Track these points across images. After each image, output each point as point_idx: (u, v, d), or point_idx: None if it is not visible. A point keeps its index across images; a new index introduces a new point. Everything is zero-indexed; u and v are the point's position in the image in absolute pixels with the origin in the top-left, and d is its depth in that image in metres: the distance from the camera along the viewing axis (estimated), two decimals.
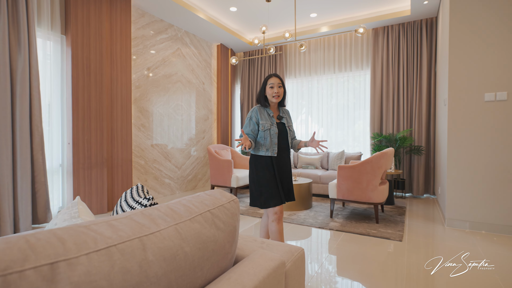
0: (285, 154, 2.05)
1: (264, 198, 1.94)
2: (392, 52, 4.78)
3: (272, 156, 1.98)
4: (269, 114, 2.02)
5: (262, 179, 1.96)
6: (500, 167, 2.86)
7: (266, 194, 1.94)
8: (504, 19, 2.83)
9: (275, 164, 1.98)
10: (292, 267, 0.90)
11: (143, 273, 0.52)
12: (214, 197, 0.83)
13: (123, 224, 0.57)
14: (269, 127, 1.97)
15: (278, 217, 1.96)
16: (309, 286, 1.87)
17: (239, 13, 4.71)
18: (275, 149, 1.98)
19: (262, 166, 1.97)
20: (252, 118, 2.00)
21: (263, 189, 1.95)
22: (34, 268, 0.41)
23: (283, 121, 2.08)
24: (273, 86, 1.99)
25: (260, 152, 1.99)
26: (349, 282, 1.94)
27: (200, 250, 0.66)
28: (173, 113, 4.80)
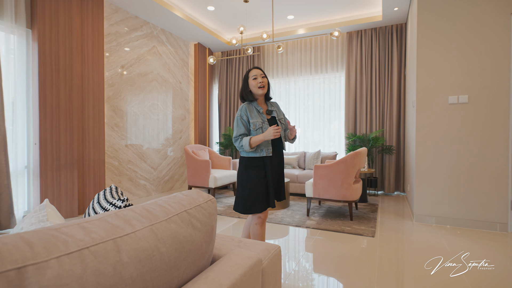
0: (279, 151, 1.94)
1: (250, 203, 1.83)
2: (365, 55, 4.97)
3: (267, 156, 1.87)
4: (258, 110, 1.90)
5: (252, 183, 1.84)
6: (463, 165, 3.06)
7: (254, 198, 1.83)
8: (463, 30, 3.04)
9: (268, 165, 1.86)
10: (269, 264, 0.92)
11: (117, 275, 0.51)
12: (191, 197, 0.83)
13: (96, 226, 0.56)
14: (261, 125, 1.85)
15: (261, 220, 1.91)
16: (287, 284, 1.91)
17: (217, 12, 4.69)
18: (270, 148, 1.86)
19: (254, 168, 1.85)
20: (242, 117, 1.87)
21: (251, 194, 1.83)
22: (0, 274, 0.39)
23: (273, 115, 1.95)
24: (256, 77, 1.87)
25: (254, 153, 1.85)
26: (325, 278, 2.00)
27: (177, 250, 0.66)
28: (149, 113, 4.68)
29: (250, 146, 1.81)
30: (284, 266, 2.18)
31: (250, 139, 1.80)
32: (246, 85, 1.92)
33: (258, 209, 1.84)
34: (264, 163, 1.87)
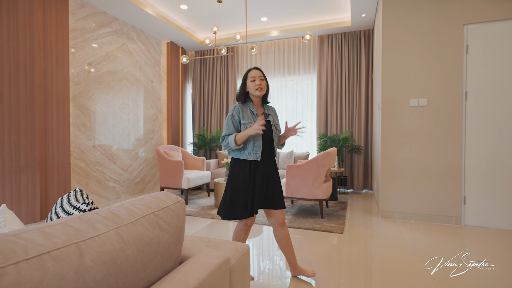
0: (270, 157, 1.85)
1: (229, 209, 1.76)
2: (336, 58, 5.16)
3: (254, 161, 1.78)
4: (252, 112, 1.82)
5: (233, 187, 1.78)
6: (423, 163, 3.29)
7: (233, 204, 1.76)
8: (423, 38, 3.26)
9: (254, 170, 1.78)
10: (237, 263, 0.94)
11: (80, 278, 0.51)
12: (158, 199, 0.84)
13: (58, 231, 0.56)
14: None
15: (247, 227, 1.87)
16: (261, 282, 1.94)
17: (190, 11, 4.63)
18: (259, 152, 1.77)
19: (239, 171, 1.78)
20: (234, 116, 1.79)
21: (231, 198, 1.77)
22: None
23: (269, 119, 1.84)
24: (254, 79, 1.79)
25: (242, 156, 1.78)
26: (307, 282, 2.06)
27: (143, 252, 0.66)
28: (119, 112, 4.52)
29: (236, 143, 1.73)
30: (258, 264, 2.22)
31: (235, 136, 1.74)
32: (244, 85, 1.85)
33: (237, 216, 1.76)
34: (250, 167, 1.78)
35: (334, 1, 4.30)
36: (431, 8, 3.23)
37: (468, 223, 3.16)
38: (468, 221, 3.15)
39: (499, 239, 2.75)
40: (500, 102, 3.02)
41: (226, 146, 1.79)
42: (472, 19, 3.09)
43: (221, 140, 1.82)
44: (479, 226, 3.11)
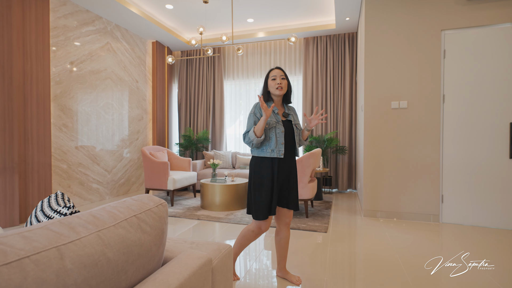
0: (291, 156, 1.85)
1: (256, 208, 1.77)
2: (321, 60, 5.25)
3: (277, 158, 1.78)
4: (273, 110, 1.82)
5: (258, 187, 1.77)
6: (404, 163, 3.40)
7: (258, 203, 1.77)
8: (403, 43, 3.38)
9: (278, 168, 1.78)
10: (220, 263, 0.96)
11: (60, 281, 0.52)
12: (141, 202, 0.85)
13: (38, 235, 0.56)
14: (275, 125, 1.78)
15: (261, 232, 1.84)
16: (248, 282, 1.97)
17: (176, 11, 4.60)
18: (282, 149, 1.76)
19: (261, 169, 1.78)
20: (256, 113, 1.80)
21: (256, 198, 1.77)
22: None
23: (289, 118, 1.87)
24: (275, 77, 1.81)
25: (264, 153, 1.78)
26: None
27: (125, 254, 0.67)
28: (103, 113, 4.44)
29: (255, 134, 1.72)
30: (245, 264, 2.24)
31: (253, 128, 1.74)
32: (266, 86, 1.87)
33: (260, 216, 1.76)
34: (272, 165, 1.78)
35: (319, 4, 4.37)
36: (411, 14, 3.35)
37: (445, 220, 3.29)
38: (446, 218, 3.29)
39: (474, 235, 2.89)
40: (475, 105, 3.17)
41: (249, 143, 1.78)
42: (449, 25, 3.22)
43: (243, 138, 1.81)
44: (456, 224, 3.25)
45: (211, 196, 3.84)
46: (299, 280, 1.95)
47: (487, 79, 3.12)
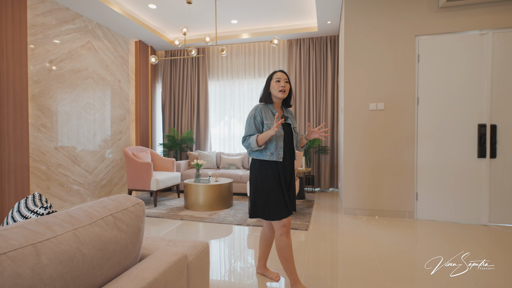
0: (290, 159, 1.85)
1: (270, 208, 1.75)
2: (304, 62, 5.35)
3: (278, 161, 1.78)
4: (273, 113, 1.83)
5: (268, 187, 1.76)
6: (381, 163, 3.54)
7: (272, 203, 1.74)
8: (381, 47, 3.52)
9: (281, 170, 1.78)
10: (195, 259, 1.01)
11: (36, 276, 0.56)
12: (118, 201, 0.88)
13: (14, 233, 0.59)
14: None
15: (287, 230, 1.77)
16: (233, 282, 2.01)
17: (159, 11, 4.58)
18: (281, 153, 1.77)
19: (267, 172, 1.77)
20: (256, 117, 1.80)
21: (268, 198, 1.75)
22: None
23: (288, 121, 1.87)
24: (279, 80, 1.82)
25: (264, 156, 1.78)
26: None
27: (100, 251, 0.71)
28: (83, 113, 4.36)
29: (257, 143, 1.74)
30: (230, 262, 2.29)
31: (257, 136, 1.74)
32: (268, 87, 1.87)
33: (280, 215, 1.73)
34: (277, 167, 1.79)
35: (301, 8, 4.47)
36: (387, 20, 3.49)
37: (420, 217, 3.45)
38: (420, 215, 3.45)
39: (446, 230, 3.05)
40: (446, 107, 3.34)
41: (247, 147, 1.80)
42: (422, 31, 3.39)
43: (242, 141, 1.82)
44: (430, 220, 3.42)
45: (194, 196, 3.86)
46: (278, 276, 2.01)
47: (458, 82, 3.31)
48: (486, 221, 3.25)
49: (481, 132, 3.22)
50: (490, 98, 3.22)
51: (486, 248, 2.58)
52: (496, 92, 3.20)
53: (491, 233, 2.99)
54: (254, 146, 1.75)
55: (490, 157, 3.22)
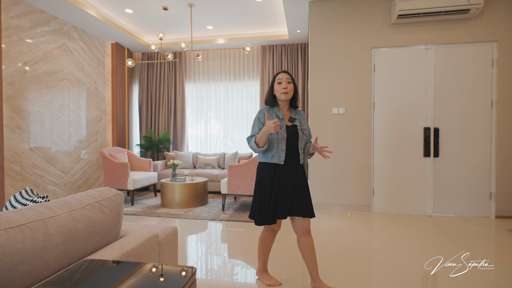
0: (295, 162, 1.79)
1: (258, 213, 1.77)
2: (276, 67, 5.67)
3: (278, 164, 1.76)
4: (278, 116, 1.78)
5: (260, 192, 1.78)
6: (343, 162, 3.92)
7: (261, 208, 1.76)
8: (342, 56, 3.89)
9: (278, 174, 1.75)
10: (165, 239, 1.26)
11: (46, 240, 0.79)
12: (102, 192, 1.12)
13: (28, 213, 0.82)
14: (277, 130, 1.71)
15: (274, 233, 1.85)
16: (210, 278, 2.26)
17: (136, 15, 4.72)
18: (282, 156, 1.74)
19: (265, 175, 1.78)
20: (260, 119, 1.78)
21: (260, 203, 1.77)
22: None
23: (295, 123, 1.81)
24: (281, 81, 1.76)
25: (266, 159, 1.78)
26: (239, 261, 2.43)
27: (90, 227, 0.95)
28: (59, 114, 4.41)
29: (257, 144, 1.73)
30: (207, 258, 2.53)
31: (254, 137, 1.74)
32: (271, 90, 1.82)
33: (265, 221, 1.74)
34: (275, 171, 1.76)
35: (273, 17, 4.78)
36: (348, 33, 3.87)
37: (376, 210, 3.86)
38: (376, 208, 3.86)
39: (398, 221, 3.47)
40: (398, 112, 3.77)
41: (251, 148, 1.79)
42: (377, 44, 3.80)
43: (248, 142, 1.81)
44: (384, 212, 3.84)
45: (170, 195, 4.05)
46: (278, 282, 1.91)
47: (407, 90, 3.74)
48: (431, 212, 3.71)
49: (426, 135, 3.68)
50: (433, 104, 3.68)
51: (430, 235, 3.00)
52: (439, 99, 3.67)
53: (435, 222, 3.43)
54: (254, 147, 1.73)
55: (434, 156, 3.68)
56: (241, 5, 4.33)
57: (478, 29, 3.55)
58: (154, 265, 0.79)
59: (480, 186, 3.60)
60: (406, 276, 2.09)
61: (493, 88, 3.57)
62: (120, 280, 0.69)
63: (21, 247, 0.72)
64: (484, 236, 2.94)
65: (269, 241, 1.90)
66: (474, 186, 3.61)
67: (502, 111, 3.53)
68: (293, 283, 1.97)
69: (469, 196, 3.62)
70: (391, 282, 1.99)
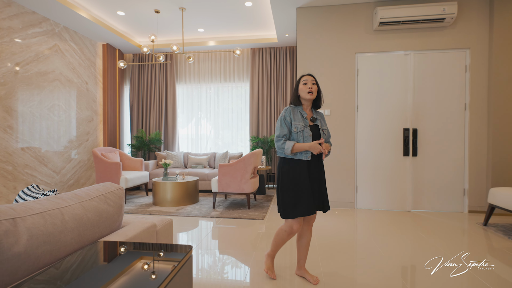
0: (318, 160, 1.91)
1: (293, 206, 1.83)
2: (266, 69, 5.84)
3: (305, 161, 1.85)
4: (302, 115, 1.90)
5: (296, 184, 1.83)
6: (327, 161, 4.11)
7: (298, 202, 1.82)
8: (328, 60, 4.09)
9: (306, 170, 1.85)
10: (162, 228, 1.40)
11: (63, 225, 0.93)
12: (106, 187, 1.25)
13: (46, 203, 0.96)
14: (303, 129, 1.85)
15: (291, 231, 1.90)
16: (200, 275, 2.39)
17: (128, 17, 4.80)
18: (309, 153, 1.84)
19: (295, 171, 1.85)
20: (286, 118, 1.87)
21: (297, 197, 1.83)
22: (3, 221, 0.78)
23: (316, 123, 1.93)
24: (306, 82, 1.90)
25: (293, 155, 1.86)
26: (228, 257, 2.57)
27: (97, 216, 1.09)
28: (50, 114, 4.46)
29: (292, 151, 1.82)
30: (197, 253, 2.66)
31: (294, 144, 1.81)
32: (296, 90, 1.95)
33: (300, 213, 1.81)
34: (301, 167, 1.85)
35: (262, 21, 4.94)
36: (333, 38, 4.07)
37: (359, 206, 4.08)
38: (359, 205, 4.07)
39: (380, 217, 3.68)
40: (379, 113, 3.99)
41: (280, 149, 1.87)
42: (360, 49, 4.01)
43: (276, 140, 1.88)
44: (367, 208, 4.05)
45: (162, 193, 4.16)
46: (317, 280, 1.97)
47: (388, 93, 3.97)
48: (410, 208, 3.95)
49: (405, 135, 3.91)
50: (412, 107, 3.92)
51: (409, 230, 3.22)
52: (417, 101, 3.91)
53: (414, 217, 3.66)
54: (288, 153, 1.83)
55: (412, 155, 3.92)
56: (231, 9, 4.48)
57: (452, 37, 3.81)
58: (159, 244, 0.94)
59: (455, 183, 3.86)
60: (385, 268, 2.28)
61: (467, 92, 3.83)
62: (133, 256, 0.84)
63: (45, 230, 0.86)
64: (458, 229, 3.18)
65: (283, 237, 1.95)
66: (449, 183, 3.86)
67: (474, 113, 3.80)
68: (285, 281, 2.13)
69: (445, 192, 3.87)
70: (371, 274, 2.18)
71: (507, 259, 2.38)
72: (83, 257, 0.89)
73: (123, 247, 0.95)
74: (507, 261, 2.36)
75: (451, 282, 2.01)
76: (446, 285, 1.97)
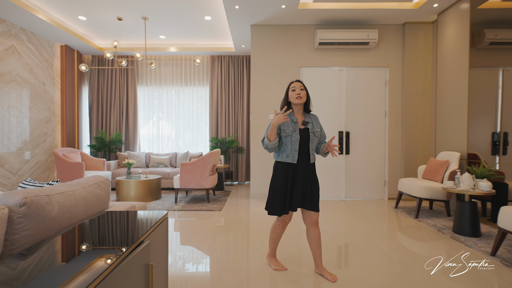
0: (306, 162, 2.00)
1: (270, 205, 2.03)
2: (224, 76, 6.34)
3: (291, 163, 1.98)
4: (292, 120, 1.99)
5: (274, 187, 2.02)
6: None
7: (273, 201, 2.01)
8: (277, 73, 4.73)
9: (292, 172, 1.98)
10: (140, 209, 1.84)
11: (76, 201, 1.35)
12: (96, 177, 1.67)
13: (58, 187, 1.37)
14: (290, 133, 1.95)
15: (284, 223, 2.10)
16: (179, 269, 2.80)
17: (89, 22, 4.95)
18: (295, 156, 1.96)
19: (280, 173, 2.00)
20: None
21: (273, 197, 2.02)
22: (43, 196, 1.20)
23: (308, 126, 2.02)
24: (295, 89, 2.00)
25: (281, 158, 2.00)
26: (189, 247, 3.02)
27: (95, 197, 1.51)
28: (6, 115, 4.46)
29: (269, 138, 1.92)
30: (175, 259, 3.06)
31: (266, 135, 1.95)
32: (286, 97, 2.06)
33: (276, 212, 2.00)
34: (288, 169, 1.98)
35: (220, 31, 5.43)
36: (282, 53, 4.72)
37: None
38: None
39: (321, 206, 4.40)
40: (321, 118, 4.73)
41: (265, 147, 2.00)
42: (304, 64, 4.72)
43: (262, 143, 2.04)
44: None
45: (126, 191, 4.44)
46: (335, 278, 2.02)
47: (328, 102, 4.73)
48: (344, 197, 4.75)
49: (340, 137, 4.70)
50: (345, 113, 4.72)
51: (342, 214, 3.95)
52: (349, 109, 4.73)
53: (346, 205, 4.44)
54: (267, 142, 1.94)
55: (346, 153, 4.73)
56: (192, 21, 4.90)
57: (375, 57, 4.69)
58: (144, 211, 1.41)
59: (378, 175, 4.74)
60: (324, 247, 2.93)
61: (386, 102, 4.74)
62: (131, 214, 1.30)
63: (65, 204, 1.28)
64: (378, 212, 4.00)
65: (279, 231, 2.14)
66: (374, 176, 4.74)
67: (392, 119, 4.72)
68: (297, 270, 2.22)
69: (370, 183, 4.74)
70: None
71: (411, 233, 3.20)
72: (97, 221, 1.33)
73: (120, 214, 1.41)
74: (412, 235, 3.17)
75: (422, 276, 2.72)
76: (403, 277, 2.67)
